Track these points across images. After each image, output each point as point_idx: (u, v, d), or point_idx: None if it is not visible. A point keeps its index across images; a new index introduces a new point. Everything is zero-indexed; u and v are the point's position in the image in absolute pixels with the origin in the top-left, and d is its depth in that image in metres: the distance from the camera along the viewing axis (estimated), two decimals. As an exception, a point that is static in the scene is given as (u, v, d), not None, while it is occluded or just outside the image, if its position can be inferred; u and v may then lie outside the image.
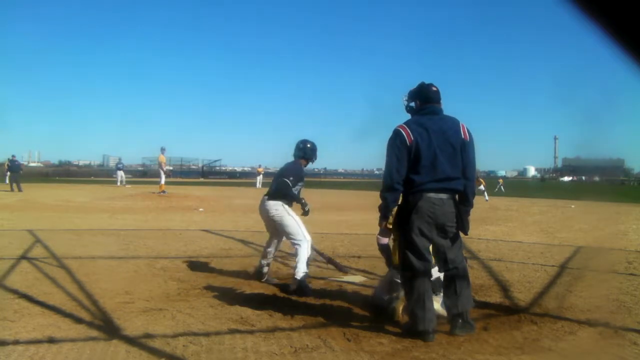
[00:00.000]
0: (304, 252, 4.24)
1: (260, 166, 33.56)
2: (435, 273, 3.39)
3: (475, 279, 4.51)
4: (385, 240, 3.83)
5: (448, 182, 3.09)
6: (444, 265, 3.21)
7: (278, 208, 4.36)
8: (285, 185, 4.36)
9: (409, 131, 3.09)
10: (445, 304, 3.25)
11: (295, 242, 4.28)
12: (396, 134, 3.13)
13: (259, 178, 30.66)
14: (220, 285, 4.46)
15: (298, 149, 4.63)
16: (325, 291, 4.28)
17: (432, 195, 3.06)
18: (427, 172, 3.05)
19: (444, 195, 3.09)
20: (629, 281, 4.90)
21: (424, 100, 3.24)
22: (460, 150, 3.12)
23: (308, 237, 4.32)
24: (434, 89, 3.25)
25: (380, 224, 3.43)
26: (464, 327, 3.11)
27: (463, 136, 3.15)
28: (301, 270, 4.18)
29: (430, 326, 3.02)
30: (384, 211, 3.25)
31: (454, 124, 3.19)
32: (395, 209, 3.28)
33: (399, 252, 3.34)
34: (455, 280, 3.15)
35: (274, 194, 4.44)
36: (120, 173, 29.76)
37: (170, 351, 2.78)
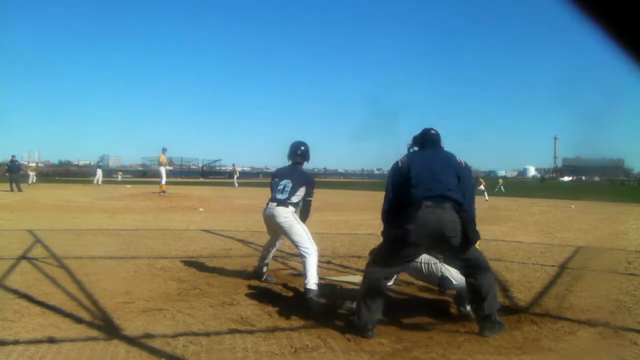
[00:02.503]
0: (313, 260, 4.17)
1: (234, 165, 37.63)
2: (459, 279, 3.41)
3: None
4: None
5: (448, 192, 3.11)
6: (461, 269, 3.27)
7: (288, 216, 4.30)
8: (310, 205, 4.54)
9: (404, 158, 3.35)
10: (471, 307, 3.28)
11: (304, 250, 4.21)
12: (393, 165, 3.38)
13: (236, 177, 33.55)
14: (220, 285, 4.46)
15: (300, 154, 4.52)
16: (325, 291, 4.27)
17: (429, 203, 3.05)
18: (424, 184, 3.12)
19: (444, 205, 3.07)
20: (629, 281, 4.90)
21: (424, 144, 3.46)
22: (457, 173, 3.23)
23: (315, 246, 4.26)
24: (433, 132, 3.48)
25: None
26: (494, 327, 3.13)
27: (459, 161, 3.33)
28: (312, 280, 4.09)
29: (370, 322, 3.08)
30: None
31: (449, 154, 3.42)
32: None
33: (382, 245, 3.37)
34: (477, 286, 3.15)
35: (286, 203, 4.34)
36: (99, 172, 30.00)
37: (170, 351, 2.79)
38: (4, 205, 13.45)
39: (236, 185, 31.01)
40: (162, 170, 18.68)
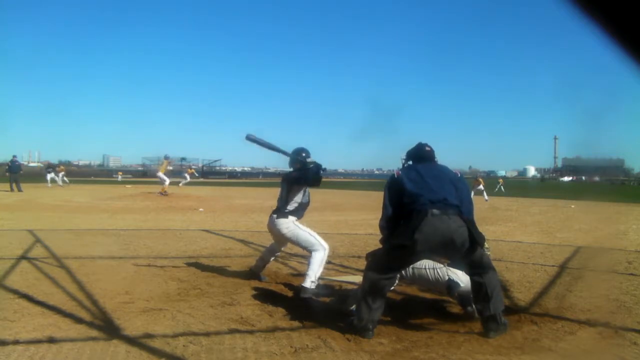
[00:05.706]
0: (319, 257, 4.15)
1: (190, 167, 36.53)
2: (465, 281, 3.42)
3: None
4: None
5: (449, 198, 3.12)
6: (466, 269, 3.30)
7: (289, 226, 4.29)
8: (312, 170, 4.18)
9: (399, 171, 3.39)
10: (475, 307, 3.28)
11: (313, 250, 4.20)
12: (389, 178, 3.41)
13: (187, 177, 31.92)
14: (220, 285, 4.46)
15: (300, 161, 4.37)
16: (325, 291, 4.27)
17: (436, 211, 3.05)
18: (425, 192, 3.13)
19: (448, 211, 3.07)
20: (629, 281, 4.90)
21: (418, 159, 3.48)
22: (454, 183, 3.27)
23: (325, 245, 4.24)
24: (428, 148, 3.50)
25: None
26: (499, 328, 3.14)
27: (454, 172, 3.40)
28: (310, 278, 4.05)
29: (370, 322, 3.08)
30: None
31: (444, 166, 3.48)
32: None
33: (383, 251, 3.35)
34: (482, 285, 3.16)
35: (285, 213, 4.31)
36: (51, 176, 28.50)
37: (170, 351, 2.78)
38: (4, 205, 13.45)
39: (182, 184, 29.75)
40: (162, 176, 18.71)
